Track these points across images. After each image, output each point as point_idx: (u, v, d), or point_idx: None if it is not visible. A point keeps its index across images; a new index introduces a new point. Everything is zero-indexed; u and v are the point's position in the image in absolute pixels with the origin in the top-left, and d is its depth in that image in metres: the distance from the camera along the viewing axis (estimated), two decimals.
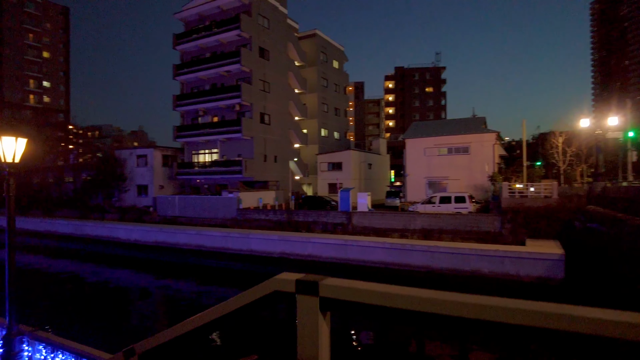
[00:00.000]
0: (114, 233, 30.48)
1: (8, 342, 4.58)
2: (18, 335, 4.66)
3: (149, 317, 16.57)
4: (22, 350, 4.71)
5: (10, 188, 4.57)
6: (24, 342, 4.78)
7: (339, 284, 2.02)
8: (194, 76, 38.13)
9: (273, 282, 2.12)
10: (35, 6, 72.63)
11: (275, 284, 2.11)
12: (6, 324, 4.70)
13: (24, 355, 4.75)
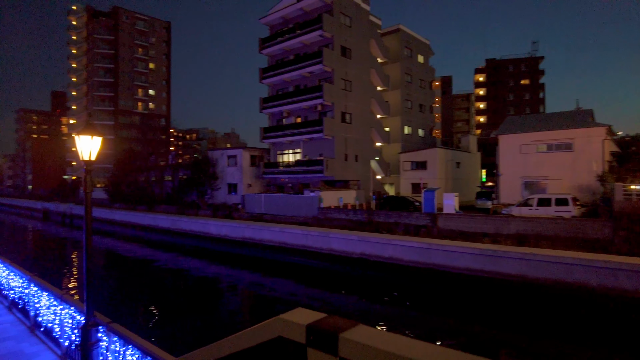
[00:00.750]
0: (205, 228, 32.55)
1: (85, 332, 4.82)
2: (94, 326, 4.88)
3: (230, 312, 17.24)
4: (99, 340, 4.93)
5: (88, 184, 4.80)
6: (101, 333, 5.00)
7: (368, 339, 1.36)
8: (278, 79, 39.33)
9: (277, 323, 1.56)
10: (144, 23, 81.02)
11: (280, 327, 1.53)
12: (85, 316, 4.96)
13: (101, 345, 4.96)
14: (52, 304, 6.82)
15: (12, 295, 8.96)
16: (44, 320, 7.22)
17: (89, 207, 4.86)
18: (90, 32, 78.32)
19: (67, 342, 6.33)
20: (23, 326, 8.04)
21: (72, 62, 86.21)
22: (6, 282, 9.29)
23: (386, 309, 16.36)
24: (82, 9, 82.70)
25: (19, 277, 8.51)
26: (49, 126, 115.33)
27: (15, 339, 7.43)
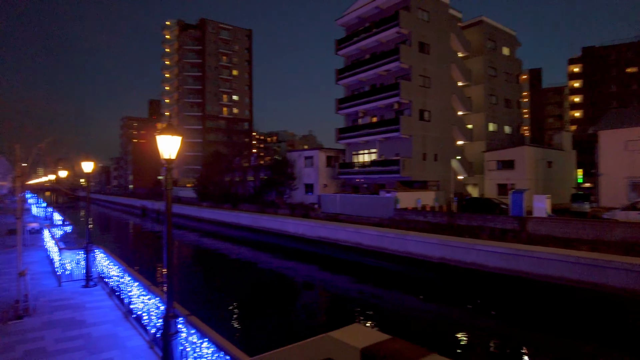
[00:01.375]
0: (284, 226, 33.50)
1: (166, 322, 5.07)
2: (174, 317, 5.11)
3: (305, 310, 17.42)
4: (178, 331, 5.16)
5: (168, 182, 5.04)
6: (180, 324, 5.22)
7: None
8: (354, 79, 39.20)
9: (327, 342, 1.32)
10: (228, 32, 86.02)
11: (331, 347, 1.28)
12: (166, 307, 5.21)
13: (180, 336, 5.19)
14: (142, 293, 7.36)
15: (111, 283, 9.89)
16: (135, 308, 7.83)
17: (169, 204, 5.11)
18: (180, 44, 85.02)
19: (153, 330, 6.77)
20: (119, 312, 8.81)
21: (166, 73, 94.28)
22: (107, 271, 10.29)
23: (467, 317, 15.38)
24: (174, 23, 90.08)
25: (117, 267, 9.36)
26: (147, 131, 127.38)
27: (112, 322, 8.16)
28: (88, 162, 11.01)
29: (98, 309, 9.02)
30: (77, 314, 8.72)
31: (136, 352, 6.73)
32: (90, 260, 10.85)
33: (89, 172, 11.16)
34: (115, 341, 7.18)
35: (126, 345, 6.98)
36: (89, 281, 10.85)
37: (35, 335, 7.47)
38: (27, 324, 8.05)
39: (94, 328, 7.83)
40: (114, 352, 6.72)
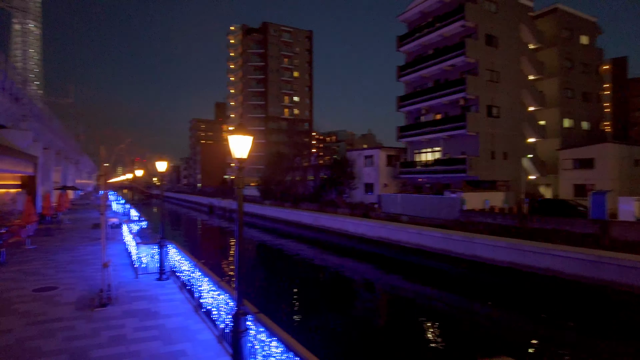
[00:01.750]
0: (344, 226, 33.47)
1: (236, 319, 5.17)
2: (243, 315, 5.20)
3: (366, 311, 17.20)
4: (247, 328, 5.24)
5: (239, 181, 5.14)
6: (250, 322, 5.31)
7: None
8: (416, 75, 38.22)
9: None
10: (289, 35, 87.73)
11: None
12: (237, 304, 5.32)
13: (249, 334, 5.27)
14: (211, 288, 7.63)
15: (182, 277, 10.41)
16: (205, 302, 8.15)
17: (241, 202, 5.21)
18: (244, 48, 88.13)
19: (222, 325, 6.99)
20: (190, 305, 9.24)
21: (231, 76, 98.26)
22: (179, 265, 10.84)
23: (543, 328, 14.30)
24: (239, 28, 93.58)
25: (188, 262, 9.82)
26: (213, 133, 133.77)
27: (183, 315, 8.57)
28: (162, 162, 11.68)
29: (170, 302, 9.53)
30: (152, 305, 9.27)
31: (206, 345, 6.98)
32: (163, 255, 11.51)
33: (163, 172, 11.83)
34: (186, 334, 7.51)
35: (197, 339, 7.27)
36: (162, 274, 11.51)
37: (117, 323, 8.04)
38: (110, 312, 8.68)
39: (167, 320, 8.26)
40: (185, 344, 7.03)
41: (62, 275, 12.21)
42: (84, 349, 6.79)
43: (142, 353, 6.63)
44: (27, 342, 7.07)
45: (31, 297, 9.88)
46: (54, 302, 9.48)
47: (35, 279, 11.61)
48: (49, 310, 8.87)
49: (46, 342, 7.07)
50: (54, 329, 7.71)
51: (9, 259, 14.34)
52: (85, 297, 9.89)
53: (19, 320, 8.19)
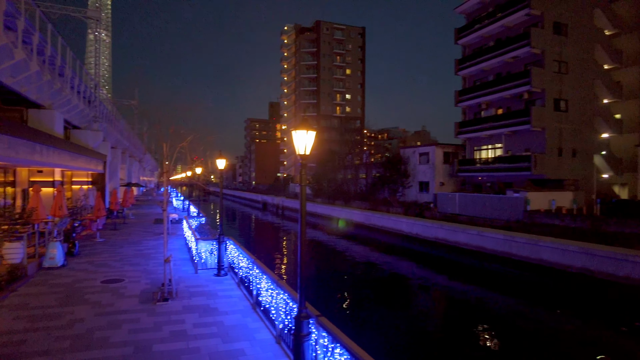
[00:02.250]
0: (397, 225, 32.64)
1: (298, 322, 4.94)
2: (306, 318, 4.96)
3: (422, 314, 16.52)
4: (310, 332, 5.00)
5: (302, 178, 4.90)
6: (311, 325, 5.06)
7: None
8: (476, 69, 36.43)
9: None
10: (342, 32, 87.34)
11: None
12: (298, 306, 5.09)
13: (311, 338, 5.03)
14: (270, 287, 7.50)
15: (240, 274, 10.44)
16: (263, 301, 8.05)
17: (304, 200, 4.97)
18: (297, 48, 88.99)
19: (280, 325, 6.82)
20: (247, 302, 9.22)
21: (284, 76, 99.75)
22: (237, 262, 10.90)
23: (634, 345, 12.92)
24: (292, 27, 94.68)
25: (246, 259, 9.82)
26: (267, 132, 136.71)
27: (241, 312, 8.55)
28: (221, 159, 11.82)
29: (229, 298, 9.57)
30: (211, 301, 9.35)
31: (264, 345, 6.86)
32: (222, 250, 11.65)
33: (222, 169, 11.98)
34: (244, 332, 7.44)
35: (255, 338, 7.18)
36: (220, 270, 11.65)
37: (178, 318, 8.16)
38: (171, 307, 8.86)
39: (226, 317, 8.26)
40: (244, 343, 6.95)
41: (128, 268, 12.76)
42: (147, 342, 6.91)
43: (202, 350, 6.62)
44: (97, 332, 7.33)
45: (100, 288, 10.36)
46: (120, 294, 9.86)
47: (104, 271, 12.22)
48: (116, 301, 9.22)
49: (113, 333, 7.29)
50: (120, 320, 7.96)
51: (81, 251, 15.28)
52: (148, 290, 10.21)
53: (90, 310, 8.56)
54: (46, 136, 16.41)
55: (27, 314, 8.28)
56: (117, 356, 6.34)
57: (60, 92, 20.47)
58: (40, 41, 16.70)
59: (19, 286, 10.30)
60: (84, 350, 6.53)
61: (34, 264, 12.03)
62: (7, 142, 12.33)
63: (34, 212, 12.49)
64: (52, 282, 10.85)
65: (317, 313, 5.17)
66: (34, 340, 6.91)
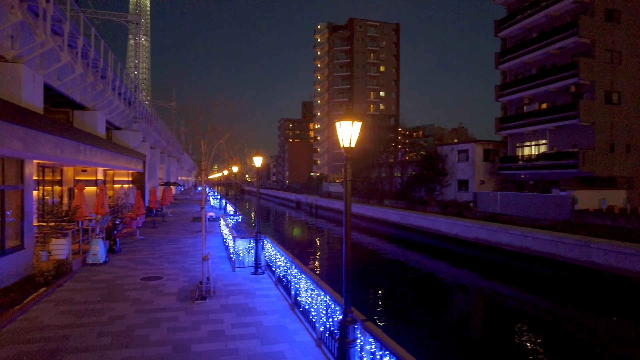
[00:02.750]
0: (435, 225, 31.68)
1: (343, 328, 4.61)
2: (352, 323, 4.62)
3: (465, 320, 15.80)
4: (356, 338, 4.66)
5: (347, 172, 4.57)
6: (357, 330, 4.72)
7: None
8: (518, 62, 34.82)
9: None
10: (375, 29, 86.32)
11: None
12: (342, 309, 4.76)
13: (357, 344, 4.68)
14: (309, 287, 7.21)
15: (278, 273, 10.24)
16: (302, 301, 7.78)
17: (349, 197, 4.64)
18: (330, 46, 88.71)
19: (322, 328, 6.52)
20: (285, 303, 8.98)
21: (317, 75, 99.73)
22: (274, 260, 10.71)
23: None
24: (325, 26, 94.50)
25: (283, 258, 9.59)
26: (300, 132, 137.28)
27: (279, 313, 8.31)
28: (258, 157, 11.67)
29: (266, 297, 9.38)
30: (249, 300, 9.18)
31: (304, 348, 6.58)
32: (259, 249, 11.50)
33: (259, 167, 11.83)
34: (283, 334, 7.20)
35: (294, 340, 6.91)
36: (257, 269, 11.51)
37: (216, 317, 8.02)
38: (209, 305, 8.75)
39: (264, 317, 8.05)
40: (283, 345, 6.70)
41: (167, 265, 12.86)
42: (186, 342, 6.78)
43: (241, 352, 6.42)
44: (136, 329, 7.29)
45: (140, 285, 10.44)
46: (159, 291, 9.88)
47: (144, 268, 12.36)
48: (155, 299, 9.22)
49: (152, 331, 7.23)
50: (159, 318, 7.91)
51: (121, 248, 15.62)
52: (186, 288, 10.18)
53: (130, 307, 8.59)
54: (89, 136, 16.91)
55: (71, 309, 8.40)
56: (156, 355, 6.23)
57: (103, 93, 21.12)
58: (84, 44, 17.22)
59: (64, 281, 10.55)
60: (124, 348, 6.48)
61: (79, 260, 12.33)
62: (54, 142, 12.71)
63: (78, 209, 12.83)
64: (95, 279, 11.05)
65: (362, 317, 4.82)
66: (77, 336, 6.94)
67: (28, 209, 11.08)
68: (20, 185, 10.88)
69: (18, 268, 10.41)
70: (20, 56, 12.44)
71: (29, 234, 11.19)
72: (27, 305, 8.54)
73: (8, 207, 10.40)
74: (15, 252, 10.42)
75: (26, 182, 11.08)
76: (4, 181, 10.20)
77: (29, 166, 11.33)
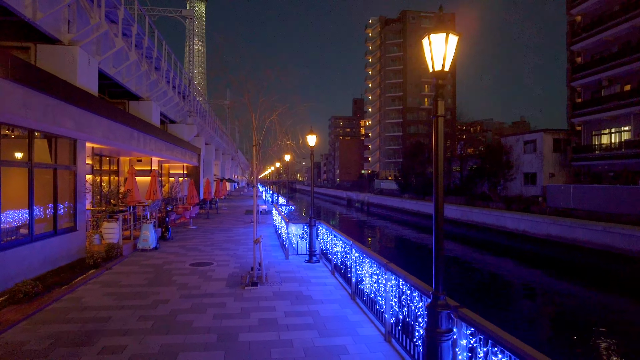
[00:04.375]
0: (500, 221, 29.23)
1: (433, 314, 3.45)
2: (445, 308, 3.45)
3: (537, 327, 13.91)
4: (451, 328, 3.49)
5: (439, 107, 3.41)
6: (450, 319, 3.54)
7: None
8: (595, 40, 31.31)
9: None
10: (429, 20, 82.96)
11: None
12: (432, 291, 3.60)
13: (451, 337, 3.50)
14: (375, 272, 6.08)
15: (335, 260, 9.20)
16: (365, 289, 6.67)
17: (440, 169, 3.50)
18: (382, 40, 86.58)
19: (392, 320, 5.37)
20: (344, 291, 7.92)
21: (369, 70, 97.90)
22: (330, 247, 9.68)
23: None
24: (376, 20, 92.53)
25: (342, 242, 8.53)
26: (351, 129, 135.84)
27: (338, 302, 7.26)
28: (312, 135, 10.72)
29: (323, 286, 8.38)
30: (304, 288, 8.23)
31: (370, 343, 5.47)
32: (313, 235, 10.55)
33: (313, 147, 10.87)
34: (344, 325, 6.13)
35: (357, 333, 5.82)
36: (312, 256, 10.56)
37: (268, 304, 7.13)
38: (261, 292, 7.90)
39: (321, 306, 7.04)
40: (345, 338, 5.63)
41: (218, 252, 12.27)
42: (233, 330, 5.91)
43: (295, 343, 5.43)
44: (180, 315, 6.55)
45: (189, 270, 9.84)
46: (207, 276, 9.19)
47: (194, 254, 11.84)
48: (202, 284, 8.52)
49: (197, 317, 6.45)
50: (205, 304, 7.15)
51: (173, 236, 15.34)
52: (237, 274, 9.43)
53: (176, 291, 7.93)
54: (143, 123, 16.86)
55: (116, 292, 7.88)
56: (199, 343, 5.40)
57: (157, 84, 21.24)
58: (138, 33, 17.22)
59: (113, 265, 10.19)
60: (164, 334, 5.72)
61: (129, 245, 12.05)
62: (107, 125, 12.54)
63: (129, 194, 12.57)
64: (144, 263, 10.62)
65: (455, 304, 3.62)
66: (118, 319, 6.32)
67: (80, 191, 10.88)
68: (72, 166, 10.69)
69: (70, 250, 10.20)
70: (76, 40, 12.38)
71: (82, 216, 11.00)
72: (74, 286, 8.14)
73: (61, 188, 10.22)
74: (67, 234, 10.22)
75: (78, 163, 10.89)
76: (56, 160, 10.01)
77: (81, 148, 11.15)
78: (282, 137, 9.54)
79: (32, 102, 8.29)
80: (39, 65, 10.75)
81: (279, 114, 9.35)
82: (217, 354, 5.08)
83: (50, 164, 9.83)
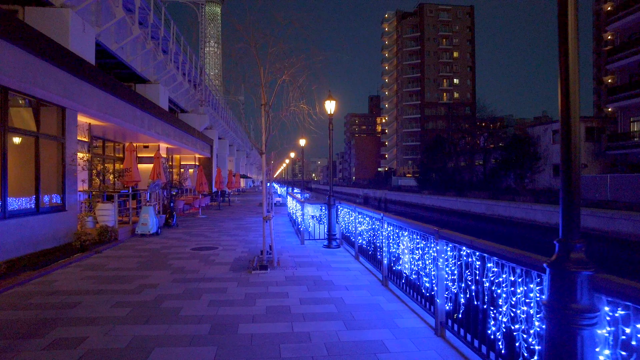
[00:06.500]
0: (529, 215, 27.28)
1: (561, 277, 1.95)
2: (583, 268, 1.96)
3: None
4: (598, 310, 1.98)
5: None
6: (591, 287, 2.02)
7: None
8: (632, 18, 29.04)
9: None
10: (447, 14, 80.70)
11: None
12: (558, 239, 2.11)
13: (597, 318, 2.00)
14: (417, 245, 4.58)
15: (360, 242, 7.73)
16: (404, 270, 5.18)
17: None
18: (399, 34, 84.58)
19: (447, 306, 3.88)
20: (373, 277, 6.45)
21: (385, 65, 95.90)
22: (354, 228, 8.22)
23: None
24: (392, 14, 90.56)
25: (369, 218, 7.05)
26: (367, 127, 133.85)
27: (367, 288, 5.80)
28: (331, 101, 9.28)
29: (346, 271, 6.93)
30: (323, 272, 6.80)
31: (416, 337, 4.00)
32: (332, 217, 9.10)
33: (331, 114, 9.43)
34: (378, 315, 4.67)
35: (397, 325, 4.35)
36: (331, 241, 9.12)
37: (279, 290, 5.72)
38: (271, 276, 6.49)
39: (346, 293, 5.59)
40: (381, 332, 4.17)
41: (225, 238, 10.94)
42: (231, 319, 4.51)
43: (315, 337, 3.99)
44: (167, 301, 5.18)
45: (189, 254, 8.50)
46: (209, 260, 7.83)
47: (198, 240, 10.52)
48: (202, 268, 7.15)
49: (187, 303, 5.07)
50: (200, 289, 5.77)
51: (180, 224, 14.10)
52: (244, 258, 8.05)
53: (168, 275, 6.58)
54: (149, 104, 15.68)
55: (98, 275, 6.59)
56: (184, 336, 4.01)
57: (165, 66, 20.11)
58: (142, 7, 16.07)
59: (104, 249, 8.92)
60: (142, 324, 4.35)
61: (127, 229, 10.79)
62: (104, 98, 11.33)
63: (127, 172, 11.32)
64: (139, 247, 9.33)
65: None
66: (87, 305, 4.98)
67: (70, 167, 9.67)
68: (60, 137, 9.47)
69: (57, 232, 8.97)
70: (69, 4, 11.24)
71: (72, 195, 9.78)
72: (50, 269, 6.87)
73: (45, 160, 9.01)
74: (53, 213, 9.00)
75: (68, 136, 9.66)
76: (39, 128, 8.79)
77: (72, 118, 9.93)
78: (296, 100, 8.04)
79: (5, 55, 7.08)
80: None
81: (291, 73, 7.86)
82: (207, 350, 3.69)
83: (32, 131, 8.62)
